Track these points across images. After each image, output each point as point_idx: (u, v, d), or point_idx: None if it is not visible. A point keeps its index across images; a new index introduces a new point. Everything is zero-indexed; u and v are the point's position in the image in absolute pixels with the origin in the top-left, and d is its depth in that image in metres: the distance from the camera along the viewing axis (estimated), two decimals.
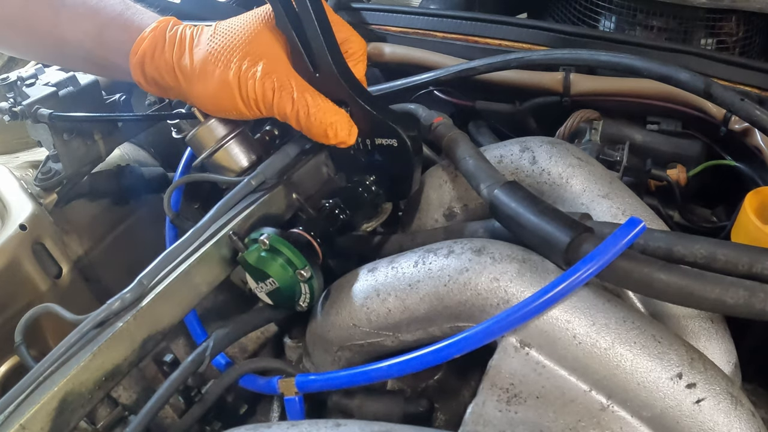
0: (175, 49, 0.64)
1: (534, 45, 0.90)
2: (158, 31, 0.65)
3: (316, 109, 0.62)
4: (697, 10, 0.97)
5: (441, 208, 0.73)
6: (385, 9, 1.02)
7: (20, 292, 0.82)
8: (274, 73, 0.61)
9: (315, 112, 0.62)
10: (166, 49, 0.64)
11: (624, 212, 0.64)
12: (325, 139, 0.64)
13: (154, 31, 0.65)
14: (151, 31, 0.65)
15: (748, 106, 0.68)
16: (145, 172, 0.98)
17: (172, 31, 0.65)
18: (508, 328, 0.52)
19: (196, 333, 0.77)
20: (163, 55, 0.64)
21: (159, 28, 0.65)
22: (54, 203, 0.88)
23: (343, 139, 0.64)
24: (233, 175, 0.69)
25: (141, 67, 0.65)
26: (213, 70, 0.62)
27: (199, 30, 0.65)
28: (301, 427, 0.51)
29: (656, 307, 0.59)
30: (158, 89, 0.67)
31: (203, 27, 0.65)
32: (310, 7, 0.61)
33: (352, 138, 0.65)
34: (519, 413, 0.51)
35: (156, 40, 0.64)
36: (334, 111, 0.63)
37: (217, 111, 0.65)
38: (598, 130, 0.85)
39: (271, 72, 0.61)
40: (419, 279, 0.58)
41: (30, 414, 0.48)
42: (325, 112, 0.62)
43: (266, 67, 0.61)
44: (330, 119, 0.62)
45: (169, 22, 0.66)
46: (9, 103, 0.82)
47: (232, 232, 0.61)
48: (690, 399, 0.47)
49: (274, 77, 0.61)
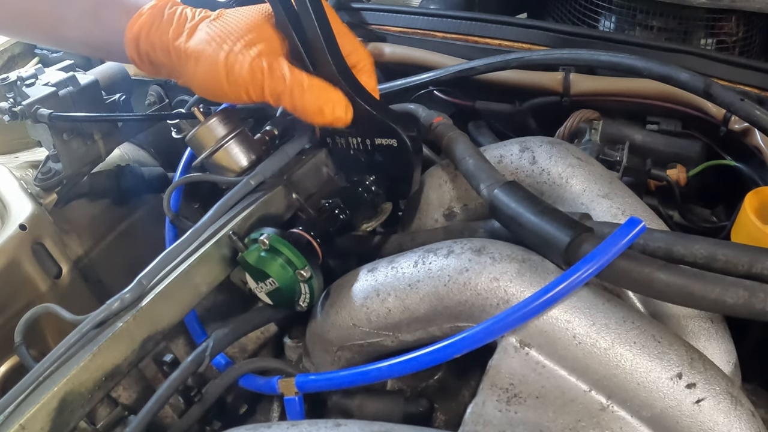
0: (173, 27, 0.63)
1: (534, 45, 0.90)
2: (157, 8, 0.64)
3: (310, 87, 0.61)
4: (697, 10, 0.97)
5: (441, 208, 0.73)
6: (385, 9, 1.02)
7: (20, 292, 0.82)
8: (268, 57, 0.61)
9: (309, 88, 0.61)
10: (163, 25, 0.63)
11: (624, 212, 0.64)
12: (320, 117, 0.62)
13: (152, 8, 0.64)
14: (150, 8, 0.64)
15: (747, 106, 0.68)
16: (145, 172, 0.98)
17: (171, 9, 0.65)
18: (508, 328, 0.52)
19: (196, 333, 0.77)
20: (159, 32, 0.63)
21: (158, 5, 0.65)
22: (54, 203, 0.89)
23: (340, 115, 0.62)
24: (233, 175, 0.69)
25: (136, 42, 0.64)
26: (206, 50, 0.61)
27: (200, 12, 0.65)
28: (301, 427, 0.51)
29: (656, 307, 0.59)
30: (151, 66, 0.66)
31: (205, 11, 0.65)
32: (310, 7, 0.61)
33: (349, 115, 0.63)
34: (519, 413, 0.51)
35: (154, 17, 0.64)
36: (328, 89, 0.62)
37: (205, 93, 0.64)
38: (598, 130, 0.85)
39: (265, 56, 0.60)
40: (419, 279, 0.58)
41: (30, 414, 0.48)
42: (320, 89, 0.61)
43: (261, 51, 0.61)
44: (324, 98, 0.62)
45: (168, 1, 0.66)
46: (9, 103, 0.82)
47: (231, 232, 0.61)
48: (690, 399, 0.47)
49: (264, 60, 0.60)
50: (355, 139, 0.68)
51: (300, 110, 0.62)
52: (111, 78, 0.96)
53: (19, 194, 0.87)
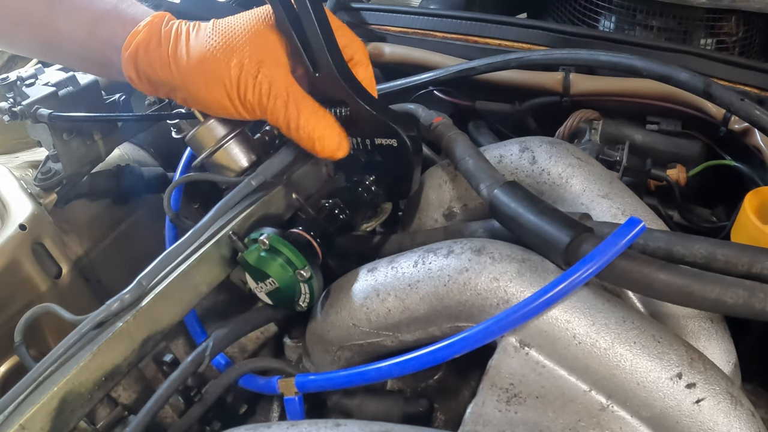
0: (171, 44, 0.63)
1: (534, 45, 0.90)
2: (153, 25, 0.64)
3: (305, 121, 0.62)
4: (697, 10, 0.97)
5: (441, 208, 0.73)
6: (385, 9, 1.02)
7: (20, 292, 0.82)
8: (272, 77, 0.61)
9: (304, 124, 0.62)
10: (162, 42, 0.63)
11: (624, 212, 0.64)
12: (313, 152, 0.64)
13: (149, 25, 0.64)
14: (146, 25, 0.64)
15: (747, 106, 0.68)
16: (144, 172, 0.98)
17: (168, 26, 0.64)
18: (507, 328, 0.52)
19: (196, 333, 0.77)
20: (159, 49, 0.63)
21: (154, 22, 0.64)
22: (54, 203, 0.88)
23: (330, 153, 0.64)
24: (233, 174, 0.69)
25: (134, 60, 0.63)
26: (211, 67, 0.61)
27: (195, 26, 0.64)
28: (301, 427, 0.51)
29: (656, 307, 0.59)
30: (149, 85, 0.65)
31: (200, 23, 0.64)
32: (309, 8, 0.61)
33: (341, 152, 0.64)
34: (519, 413, 0.51)
35: (151, 34, 0.63)
36: (323, 124, 0.63)
37: (211, 109, 0.64)
38: (598, 130, 0.85)
39: (269, 76, 0.61)
40: (419, 279, 0.58)
41: (30, 414, 0.48)
42: (314, 125, 0.62)
43: (265, 70, 0.61)
44: (319, 133, 0.62)
45: (164, 17, 0.65)
46: (9, 103, 0.82)
47: (231, 232, 0.61)
48: (690, 399, 0.47)
49: (270, 82, 0.61)
50: (355, 139, 0.68)
51: (296, 141, 0.64)
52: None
53: (19, 194, 0.87)
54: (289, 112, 0.61)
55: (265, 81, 0.61)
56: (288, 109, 0.61)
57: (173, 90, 0.65)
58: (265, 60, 0.61)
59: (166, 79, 0.63)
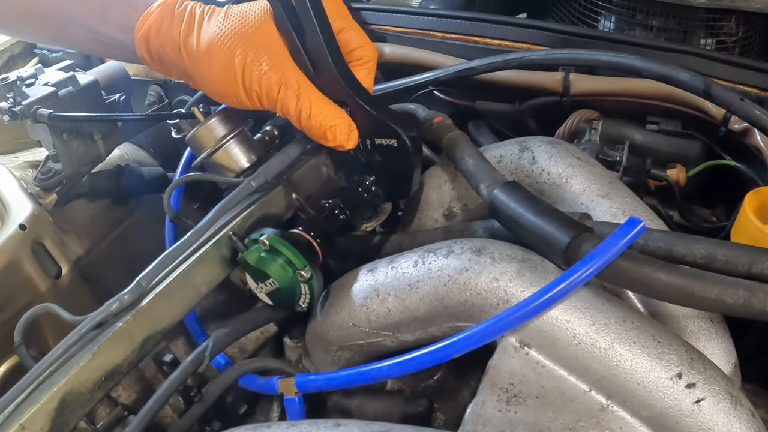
0: (183, 26, 0.63)
1: (534, 45, 0.90)
2: (166, 6, 0.64)
3: (318, 111, 0.62)
4: (697, 10, 0.97)
5: (441, 208, 0.73)
6: (385, 9, 1.02)
7: (20, 292, 0.82)
8: (280, 68, 0.61)
9: (317, 114, 0.62)
10: (173, 24, 0.63)
11: (624, 212, 0.64)
12: (324, 141, 0.64)
13: (161, 5, 0.64)
14: (159, 6, 0.64)
15: (747, 106, 0.68)
16: (144, 172, 0.98)
17: (181, 7, 0.64)
18: (507, 328, 0.52)
19: (196, 333, 0.77)
20: (170, 31, 0.63)
21: (167, 3, 0.64)
22: (54, 203, 0.89)
23: (342, 142, 0.64)
24: (233, 175, 0.69)
25: (146, 42, 0.64)
26: (218, 54, 0.61)
27: (209, 10, 0.64)
28: (301, 427, 0.51)
29: (656, 307, 0.59)
30: (162, 66, 0.66)
31: (214, 7, 0.64)
32: (309, 7, 0.61)
33: (351, 142, 0.65)
34: (518, 413, 0.51)
35: (163, 15, 0.63)
36: (335, 114, 0.63)
37: (218, 96, 0.64)
38: (598, 130, 0.85)
39: (277, 66, 0.61)
40: (419, 279, 0.58)
41: (30, 414, 0.48)
42: (326, 115, 0.62)
43: (271, 60, 0.61)
44: (330, 122, 0.62)
45: None
46: (9, 103, 0.82)
47: (231, 233, 0.61)
48: (689, 399, 0.47)
49: (279, 72, 0.61)
50: None
51: (305, 131, 0.64)
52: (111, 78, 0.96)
53: (19, 194, 0.87)
54: (301, 102, 0.61)
55: (274, 71, 0.61)
56: (300, 100, 0.61)
57: (184, 73, 0.65)
58: (271, 50, 0.61)
59: (177, 62, 0.64)
